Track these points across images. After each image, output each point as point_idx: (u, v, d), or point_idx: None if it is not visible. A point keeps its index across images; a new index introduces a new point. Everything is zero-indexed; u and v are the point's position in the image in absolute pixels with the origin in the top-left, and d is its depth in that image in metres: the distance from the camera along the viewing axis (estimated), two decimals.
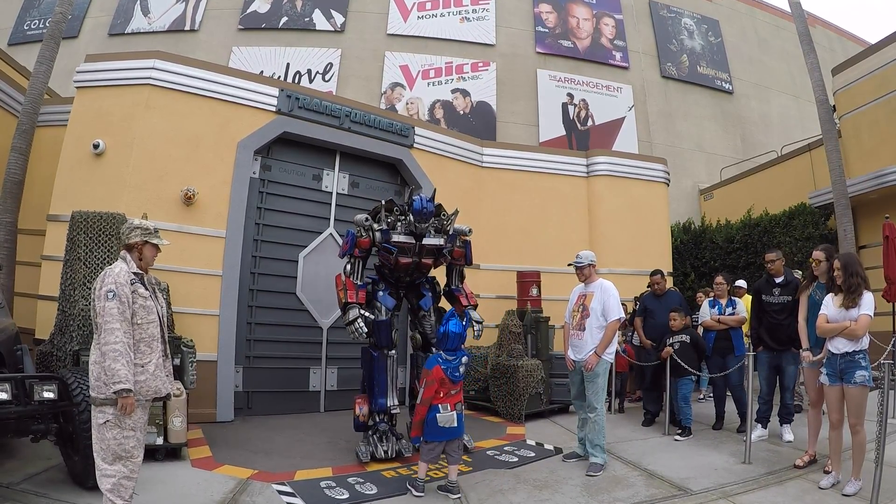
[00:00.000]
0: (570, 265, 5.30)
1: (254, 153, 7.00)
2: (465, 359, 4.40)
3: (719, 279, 6.66)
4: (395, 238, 5.21)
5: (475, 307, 5.67)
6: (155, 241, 3.42)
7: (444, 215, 5.52)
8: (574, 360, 5.12)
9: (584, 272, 5.22)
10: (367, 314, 5.16)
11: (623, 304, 5.21)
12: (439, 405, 4.22)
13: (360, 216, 5.31)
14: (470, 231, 5.69)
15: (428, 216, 5.20)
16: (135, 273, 3.28)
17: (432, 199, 5.28)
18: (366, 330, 5.03)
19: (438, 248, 5.37)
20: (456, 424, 4.22)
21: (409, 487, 4.24)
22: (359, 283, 5.28)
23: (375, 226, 5.28)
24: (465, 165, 8.95)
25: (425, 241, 5.28)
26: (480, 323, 5.55)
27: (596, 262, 5.31)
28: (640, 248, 9.38)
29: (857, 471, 4.07)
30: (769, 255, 5.84)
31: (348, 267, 5.34)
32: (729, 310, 6.45)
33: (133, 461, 3.16)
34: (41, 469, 4.25)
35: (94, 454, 3.12)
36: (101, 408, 3.10)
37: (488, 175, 9.19)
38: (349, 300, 5.10)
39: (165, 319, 3.46)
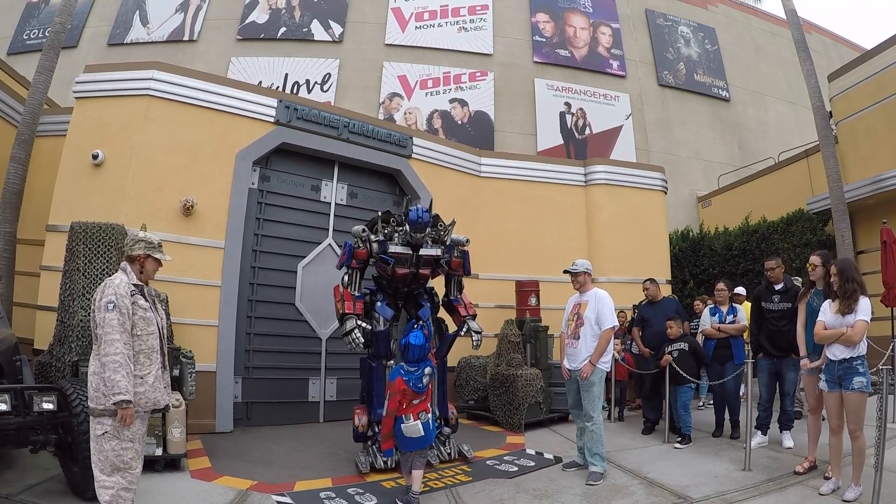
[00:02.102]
0: (565, 272, 5.31)
1: (252, 164, 7.03)
2: (427, 370, 4.29)
3: (720, 286, 6.65)
4: (392, 249, 5.22)
5: (474, 317, 5.67)
6: (158, 255, 3.43)
7: (441, 225, 5.52)
8: (570, 370, 5.12)
9: (578, 279, 5.21)
10: (364, 325, 5.16)
11: (622, 313, 5.19)
12: (402, 416, 4.19)
13: (358, 227, 5.32)
14: (467, 241, 5.69)
15: (424, 226, 5.20)
16: (135, 284, 3.30)
17: (429, 209, 5.28)
18: (362, 341, 5.03)
19: (436, 259, 5.37)
20: (423, 433, 4.15)
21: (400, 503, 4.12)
22: (356, 293, 5.29)
23: (373, 237, 5.28)
24: (464, 175, 8.99)
25: (422, 251, 5.28)
26: (479, 333, 5.55)
27: (591, 271, 5.30)
28: (638, 256, 9.39)
29: (857, 476, 4.06)
30: (769, 263, 5.85)
31: (346, 278, 5.35)
32: (730, 317, 6.42)
33: (131, 472, 3.17)
34: (40, 480, 4.24)
35: (93, 465, 3.12)
36: (99, 419, 3.10)
37: (486, 185, 9.22)
38: (346, 311, 5.10)
39: (165, 331, 3.47)
